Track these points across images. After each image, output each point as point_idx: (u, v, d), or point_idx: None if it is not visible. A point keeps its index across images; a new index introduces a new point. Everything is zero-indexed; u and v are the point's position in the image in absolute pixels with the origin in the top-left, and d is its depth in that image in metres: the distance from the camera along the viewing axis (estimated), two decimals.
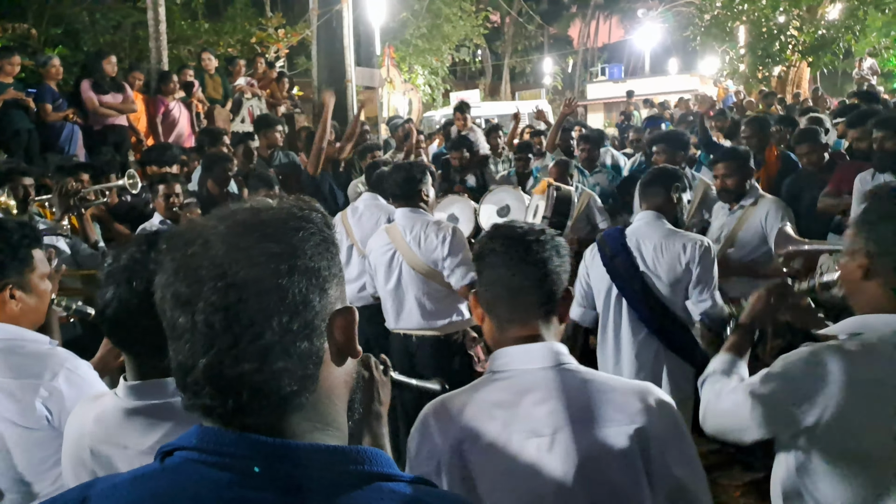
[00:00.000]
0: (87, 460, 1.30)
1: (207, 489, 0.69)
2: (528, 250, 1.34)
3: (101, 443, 1.29)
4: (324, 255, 0.76)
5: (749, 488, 3.27)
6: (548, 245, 1.36)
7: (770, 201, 3.39)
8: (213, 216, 0.76)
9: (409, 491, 0.75)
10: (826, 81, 19.52)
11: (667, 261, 2.66)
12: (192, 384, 0.72)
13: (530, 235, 1.37)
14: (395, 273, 3.16)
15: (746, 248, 3.36)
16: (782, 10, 14.09)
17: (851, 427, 1.28)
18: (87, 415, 1.34)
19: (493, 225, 1.46)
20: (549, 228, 1.43)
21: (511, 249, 1.36)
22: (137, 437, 1.26)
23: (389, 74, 12.85)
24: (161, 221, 3.70)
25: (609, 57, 31.46)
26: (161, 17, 7.60)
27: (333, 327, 0.76)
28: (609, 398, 1.24)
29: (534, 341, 1.31)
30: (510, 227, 1.41)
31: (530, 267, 1.33)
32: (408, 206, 3.18)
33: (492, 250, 1.37)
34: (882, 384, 1.26)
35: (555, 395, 1.24)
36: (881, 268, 1.31)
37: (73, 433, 1.35)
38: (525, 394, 1.25)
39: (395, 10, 14.48)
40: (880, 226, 1.32)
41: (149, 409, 1.28)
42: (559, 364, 1.29)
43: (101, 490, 0.75)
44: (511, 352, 1.31)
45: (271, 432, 0.72)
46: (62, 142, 5.68)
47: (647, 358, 2.72)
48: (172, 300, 0.72)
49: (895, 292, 1.30)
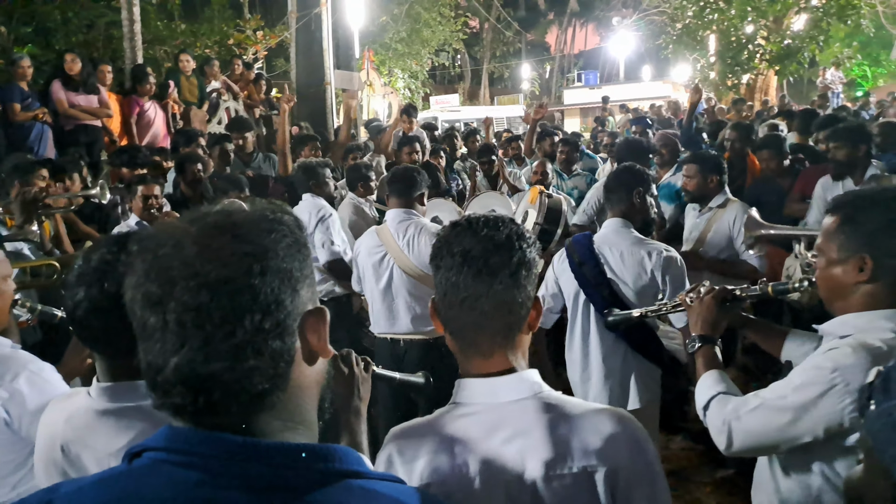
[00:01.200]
0: (58, 459, 1.30)
1: (176, 489, 0.69)
2: (488, 263, 1.17)
3: (72, 442, 1.29)
4: (295, 256, 0.77)
5: (720, 485, 3.32)
6: (514, 250, 1.19)
7: (738, 205, 3.45)
8: (185, 218, 0.77)
9: (379, 488, 0.76)
10: (792, 89, 20.02)
11: (632, 268, 2.70)
12: (163, 383, 0.72)
13: (492, 239, 1.19)
14: (386, 275, 3.12)
15: (715, 250, 3.44)
16: (750, 20, 14.44)
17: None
18: (60, 414, 1.34)
19: (451, 222, 1.28)
20: (515, 223, 1.25)
21: (471, 260, 1.18)
22: (108, 439, 1.26)
23: (369, 78, 12.83)
24: (137, 223, 3.65)
25: (585, 63, 31.88)
26: (136, 16, 7.50)
27: (305, 327, 0.77)
28: (582, 436, 1.14)
29: (500, 373, 1.19)
30: (470, 227, 1.22)
31: (494, 286, 1.17)
32: (402, 207, 3.16)
33: (449, 253, 1.20)
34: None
35: (524, 433, 1.14)
36: (882, 268, 1.37)
37: (46, 432, 1.35)
38: (493, 431, 1.15)
39: (374, 14, 14.49)
40: (872, 229, 1.38)
41: (120, 412, 1.28)
42: (530, 395, 1.17)
43: (66, 493, 0.74)
44: (476, 386, 1.19)
45: (242, 431, 0.73)
46: (31, 142, 5.54)
47: (616, 361, 2.75)
48: (143, 300, 0.72)
49: (894, 289, 1.37)
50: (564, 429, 1.14)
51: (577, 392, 2.88)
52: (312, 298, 0.80)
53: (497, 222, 1.23)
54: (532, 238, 1.24)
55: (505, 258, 1.18)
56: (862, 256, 1.39)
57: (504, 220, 1.25)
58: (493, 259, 1.17)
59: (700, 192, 3.54)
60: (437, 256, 1.22)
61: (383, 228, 3.18)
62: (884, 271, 1.38)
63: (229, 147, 5.18)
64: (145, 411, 1.26)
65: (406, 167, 3.40)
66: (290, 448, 0.73)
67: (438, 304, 1.23)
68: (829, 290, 1.48)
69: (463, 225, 1.23)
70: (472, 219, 1.25)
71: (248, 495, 0.69)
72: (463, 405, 1.19)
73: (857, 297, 1.41)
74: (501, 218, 1.25)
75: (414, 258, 3.05)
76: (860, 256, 1.39)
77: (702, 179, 3.51)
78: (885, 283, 1.39)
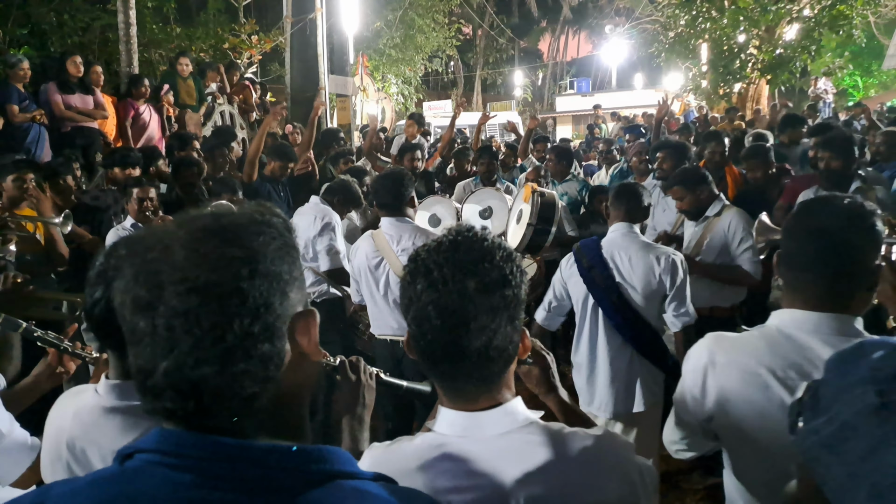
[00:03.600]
0: (63, 455, 1.31)
1: (168, 491, 0.69)
2: (466, 310, 1.03)
3: (78, 438, 1.30)
4: (284, 259, 0.77)
5: (709, 493, 3.32)
6: (497, 287, 1.04)
7: (733, 212, 3.46)
8: (174, 222, 0.77)
9: (370, 488, 0.76)
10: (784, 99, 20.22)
11: (641, 273, 2.74)
12: (153, 388, 0.72)
13: (475, 275, 1.03)
14: (382, 280, 3.14)
15: (712, 256, 3.44)
16: (742, 29, 14.57)
17: (738, 416, 1.39)
18: (67, 410, 1.35)
19: (431, 241, 1.14)
20: (503, 249, 1.11)
21: (445, 296, 1.04)
22: (114, 436, 1.26)
23: (363, 83, 12.87)
24: (133, 224, 3.65)
25: (577, 71, 32.07)
26: (132, 20, 7.51)
27: (295, 330, 0.77)
28: (571, 471, 1.07)
29: (486, 409, 1.10)
30: (449, 252, 1.07)
31: (471, 333, 1.03)
32: (394, 215, 3.13)
33: (424, 280, 1.06)
34: (757, 371, 1.36)
35: (509, 468, 1.06)
36: (779, 267, 1.44)
37: (53, 428, 1.35)
38: (478, 466, 1.07)
39: (368, 20, 14.54)
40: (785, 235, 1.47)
41: (128, 409, 1.28)
42: (516, 428, 1.09)
43: (58, 494, 0.74)
44: (459, 419, 1.10)
45: (232, 434, 0.73)
46: (28, 143, 5.53)
47: (622, 365, 2.79)
48: (132, 304, 0.72)
49: (788, 291, 1.43)
50: (552, 463, 1.06)
51: (582, 395, 2.92)
52: (302, 300, 0.80)
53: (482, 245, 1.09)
54: (520, 270, 1.11)
55: (485, 298, 1.04)
56: (776, 252, 1.46)
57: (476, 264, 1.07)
58: (470, 306, 1.03)
59: (695, 208, 3.49)
60: (410, 279, 1.09)
61: (379, 234, 3.19)
62: (780, 270, 1.44)
63: (223, 151, 5.20)
64: None
65: (388, 173, 3.32)
66: (281, 450, 0.73)
67: (412, 334, 1.10)
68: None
69: (434, 275, 1.07)
70: (448, 238, 1.11)
71: (240, 496, 0.70)
72: (445, 436, 1.10)
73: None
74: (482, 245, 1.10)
75: None
76: (776, 252, 1.46)
77: (692, 196, 3.46)
78: (785, 284, 1.44)
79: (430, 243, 1.12)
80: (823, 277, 1.34)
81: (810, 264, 1.35)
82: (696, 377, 1.46)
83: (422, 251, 1.10)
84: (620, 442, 1.16)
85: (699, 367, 1.45)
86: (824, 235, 1.34)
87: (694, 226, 3.62)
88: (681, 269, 2.77)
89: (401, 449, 1.15)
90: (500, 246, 1.10)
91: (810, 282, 1.35)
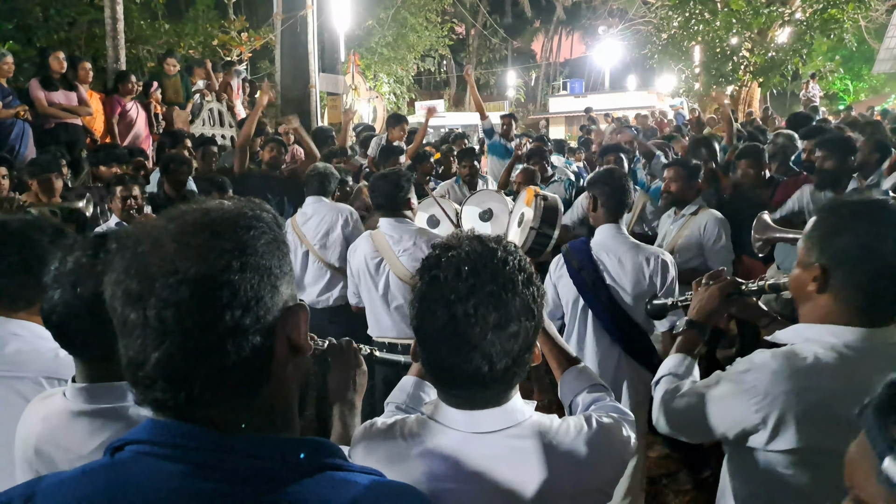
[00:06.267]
0: (31, 460, 1.28)
1: (160, 481, 0.70)
2: (485, 342, 1.02)
3: (46, 443, 1.27)
4: (274, 253, 0.77)
5: (697, 494, 3.34)
6: (517, 319, 1.03)
7: (709, 214, 3.54)
8: (163, 216, 0.77)
9: (359, 480, 0.77)
10: (776, 101, 20.35)
11: (631, 274, 2.74)
12: (144, 379, 0.73)
13: (497, 309, 1.02)
14: (382, 281, 3.11)
15: (685, 256, 3.51)
16: (735, 32, 14.65)
17: (799, 430, 1.29)
18: (36, 414, 1.32)
19: (438, 250, 1.12)
20: (524, 271, 1.08)
21: (465, 329, 1.02)
22: (82, 440, 1.24)
23: (354, 81, 12.81)
24: (117, 223, 3.64)
25: (570, 72, 32.20)
26: (119, 15, 7.45)
27: (285, 323, 0.78)
28: (566, 468, 1.10)
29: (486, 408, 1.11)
30: (454, 262, 1.05)
31: (487, 362, 1.03)
32: (393, 216, 3.11)
33: (445, 312, 1.03)
34: (824, 392, 1.28)
35: (502, 466, 1.07)
36: (835, 281, 1.32)
37: (23, 432, 1.33)
38: (470, 463, 1.08)
39: (360, 18, 14.49)
40: (835, 240, 1.33)
41: (96, 413, 1.26)
42: (514, 424, 1.10)
43: (48, 486, 0.74)
44: (455, 416, 1.11)
45: (223, 425, 0.73)
46: (12, 140, 5.48)
47: (610, 365, 2.80)
48: (123, 297, 0.72)
49: (849, 306, 1.31)
50: (546, 459, 1.08)
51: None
52: (292, 295, 0.81)
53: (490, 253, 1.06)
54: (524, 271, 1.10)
55: (489, 308, 1.03)
56: (818, 265, 1.34)
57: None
58: (471, 322, 1.03)
59: (681, 195, 3.64)
60: (420, 294, 1.07)
61: (378, 234, 3.16)
62: (837, 286, 1.32)
63: (213, 149, 5.15)
64: (120, 413, 1.24)
65: (386, 173, 3.25)
66: (271, 441, 0.75)
67: (419, 341, 1.10)
68: (794, 292, 1.46)
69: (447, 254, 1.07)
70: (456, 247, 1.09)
71: (231, 487, 0.71)
72: (442, 428, 1.11)
73: (815, 308, 1.37)
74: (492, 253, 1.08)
75: (410, 265, 3.03)
76: (817, 265, 1.34)
77: (685, 183, 3.63)
78: (839, 299, 1.33)
79: (450, 260, 1.06)
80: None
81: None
82: (760, 402, 1.32)
83: (439, 273, 1.05)
84: (607, 426, 1.17)
85: (762, 392, 1.32)
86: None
87: (670, 223, 3.70)
88: (671, 269, 2.77)
89: (396, 432, 1.15)
90: (522, 268, 1.08)
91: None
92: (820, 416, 1.28)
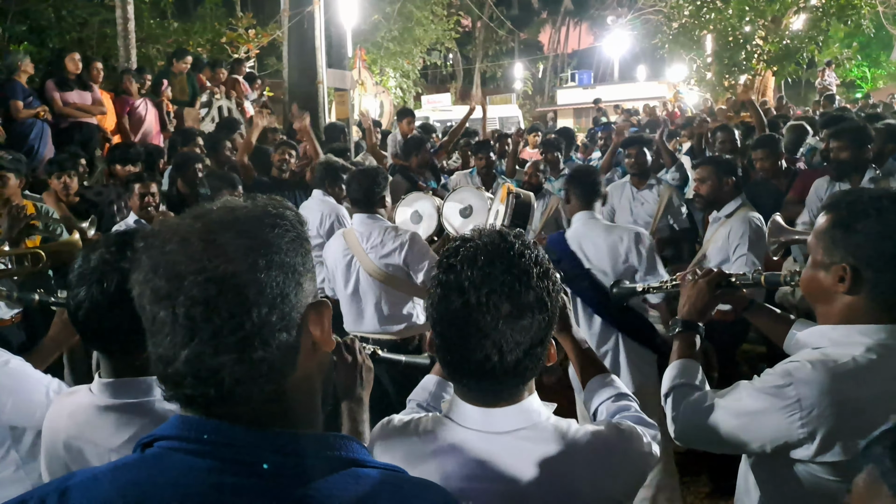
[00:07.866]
0: (61, 455, 1.30)
1: (189, 476, 0.72)
2: (498, 333, 1.03)
3: (75, 438, 1.29)
4: (298, 250, 0.79)
5: (716, 494, 3.28)
6: (531, 311, 1.05)
7: (737, 218, 3.24)
8: (188, 215, 0.78)
9: (382, 476, 0.78)
10: (790, 90, 20.10)
11: (608, 255, 2.80)
12: (174, 375, 0.74)
13: (510, 298, 1.03)
14: (353, 278, 3.18)
15: (713, 262, 3.24)
16: (748, 19, 14.48)
17: (848, 442, 1.25)
18: (63, 410, 1.34)
19: (459, 241, 1.14)
20: (540, 265, 1.10)
21: (478, 318, 1.04)
22: (109, 435, 1.26)
23: (361, 76, 12.80)
24: (136, 221, 3.67)
25: (578, 63, 31.96)
26: (129, 15, 7.50)
27: (309, 320, 0.79)
28: (579, 470, 1.09)
29: (502, 406, 1.11)
30: (474, 252, 1.07)
31: (500, 354, 1.04)
32: (366, 212, 3.18)
33: (459, 299, 1.05)
34: (868, 399, 1.25)
35: (513, 471, 1.06)
36: (865, 281, 1.28)
37: (50, 429, 1.35)
38: (484, 463, 1.08)
39: (366, 13, 14.44)
40: (861, 238, 1.29)
41: (122, 408, 1.28)
42: (529, 425, 1.10)
43: (81, 481, 0.76)
44: (472, 413, 1.12)
45: (250, 420, 0.75)
46: (32, 140, 5.57)
47: (607, 349, 2.84)
48: (152, 295, 0.74)
49: (877, 304, 1.28)
50: (562, 462, 1.08)
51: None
52: (314, 292, 0.82)
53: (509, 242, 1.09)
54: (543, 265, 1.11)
55: (514, 299, 1.05)
56: (844, 266, 1.30)
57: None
58: (489, 315, 1.04)
59: (714, 196, 3.29)
60: (440, 282, 1.09)
61: (350, 232, 3.24)
62: (866, 284, 1.29)
63: (227, 144, 5.17)
64: (146, 408, 1.27)
65: (363, 170, 3.34)
66: (297, 436, 0.76)
67: (435, 336, 1.11)
68: (810, 293, 1.41)
69: (469, 246, 1.10)
70: (478, 236, 1.11)
71: (258, 482, 0.72)
72: (458, 427, 1.12)
73: (838, 307, 1.33)
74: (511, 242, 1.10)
75: (378, 261, 3.09)
76: (842, 266, 1.30)
77: (716, 181, 3.26)
78: (867, 297, 1.29)
79: (468, 250, 1.09)
80: None
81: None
82: (806, 416, 1.27)
83: (456, 262, 1.08)
84: (627, 434, 1.17)
85: (807, 406, 1.27)
86: None
87: (718, 226, 3.40)
88: (645, 240, 2.80)
89: (411, 430, 1.17)
90: (538, 261, 1.09)
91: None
92: (865, 423, 1.22)
